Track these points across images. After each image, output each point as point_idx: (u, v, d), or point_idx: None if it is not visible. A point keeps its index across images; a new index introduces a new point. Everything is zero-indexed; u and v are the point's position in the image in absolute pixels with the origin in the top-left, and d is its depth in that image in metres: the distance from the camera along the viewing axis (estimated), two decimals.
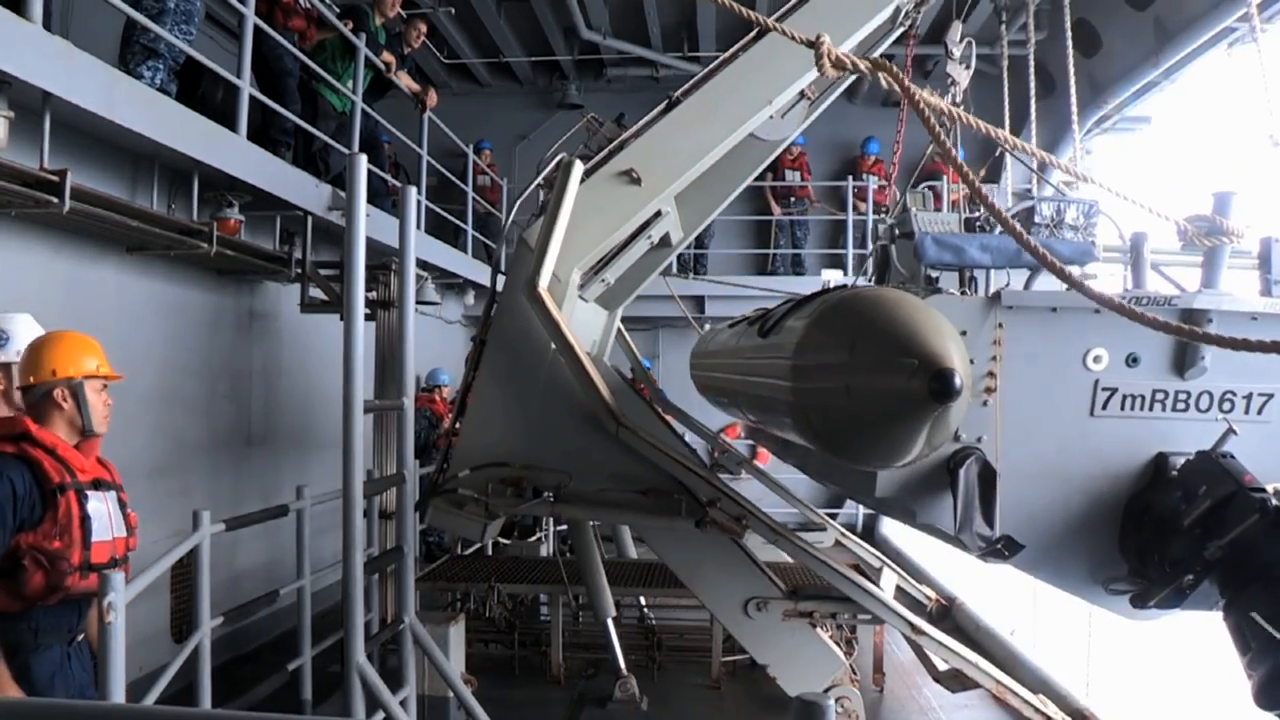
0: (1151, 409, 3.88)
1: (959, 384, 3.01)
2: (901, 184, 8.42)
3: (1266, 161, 5.74)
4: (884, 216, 7.47)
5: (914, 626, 4.64)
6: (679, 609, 7.78)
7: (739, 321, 6.66)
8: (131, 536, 3.78)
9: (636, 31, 13.36)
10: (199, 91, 6.60)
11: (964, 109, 5.63)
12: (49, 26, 4.71)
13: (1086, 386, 3.86)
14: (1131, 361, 3.84)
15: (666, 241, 5.72)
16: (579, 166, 4.75)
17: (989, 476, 3.76)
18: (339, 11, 8.39)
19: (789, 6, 5.10)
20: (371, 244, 5.23)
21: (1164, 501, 3.77)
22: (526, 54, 14.15)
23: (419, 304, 8.38)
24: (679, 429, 6.99)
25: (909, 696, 7.23)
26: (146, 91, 5.52)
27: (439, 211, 11.33)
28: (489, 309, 5.06)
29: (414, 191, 5.58)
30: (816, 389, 3.42)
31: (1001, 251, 4.29)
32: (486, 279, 11.46)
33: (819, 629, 5.02)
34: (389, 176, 10.22)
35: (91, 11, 6.58)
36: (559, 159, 4.83)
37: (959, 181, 5.98)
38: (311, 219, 7.38)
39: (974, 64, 6.03)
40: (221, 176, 6.25)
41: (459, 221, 11.87)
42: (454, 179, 11.98)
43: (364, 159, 4.87)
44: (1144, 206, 4.12)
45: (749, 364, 4.89)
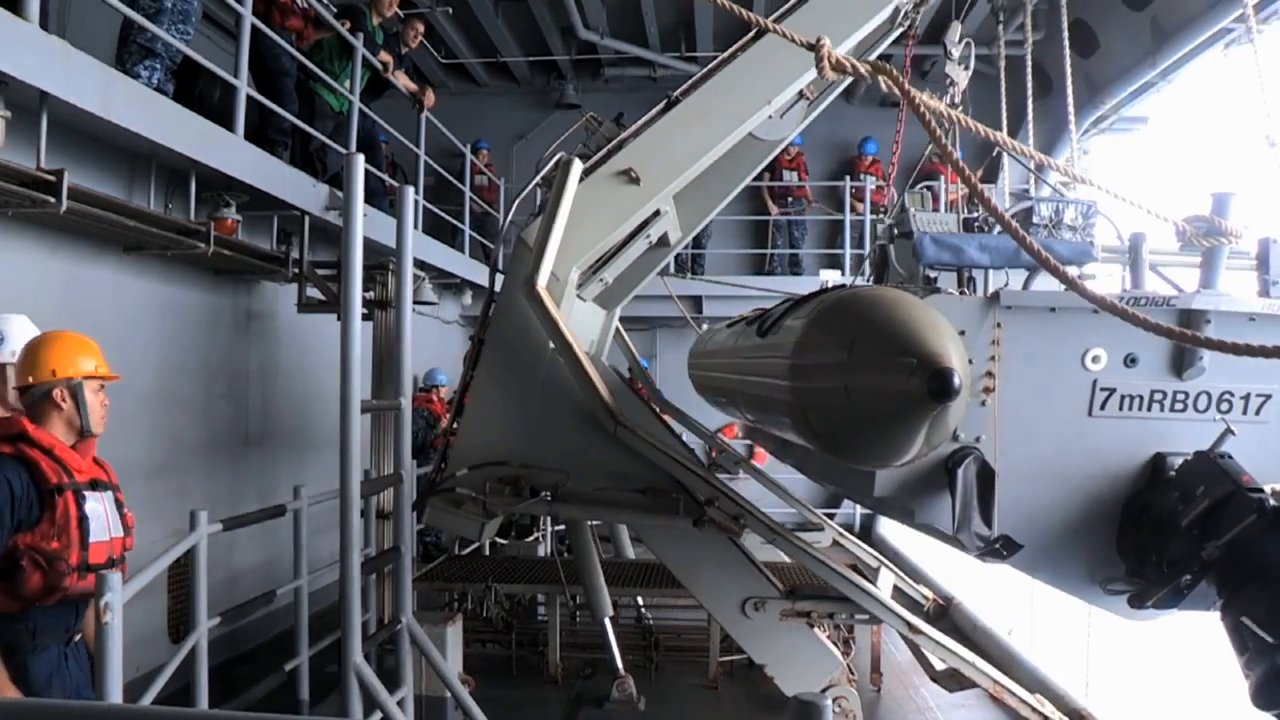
0: (1150, 409, 3.88)
1: (958, 383, 3.01)
2: (900, 184, 8.43)
3: (1263, 162, 5.75)
4: (882, 216, 7.48)
5: (911, 626, 4.63)
6: (676, 609, 7.78)
7: (737, 321, 6.65)
8: (128, 536, 3.78)
9: (634, 31, 13.37)
10: (196, 91, 6.60)
11: (963, 109, 5.65)
12: (46, 26, 4.70)
13: (1085, 386, 3.86)
14: (1130, 362, 3.84)
15: (665, 241, 5.71)
16: (578, 165, 4.74)
17: (987, 476, 3.76)
18: (336, 11, 8.39)
19: (788, 6, 5.10)
20: (369, 244, 5.23)
21: (1162, 502, 3.76)
22: (524, 54, 14.15)
23: (416, 304, 8.37)
24: (677, 429, 6.99)
25: (906, 696, 7.23)
26: (144, 91, 5.51)
27: (436, 211, 11.33)
28: (487, 308, 5.05)
29: (411, 191, 5.58)
30: (815, 388, 3.42)
31: (1000, 252, 4.30)
32: (484, 279, 11.46)
33: (816, 629, 5.01)
34: (386, 176, 10.23)
35: (88, 11, 6.58)
36: (558, 158, 4.82)
37: (956, 181, 6.00)
38: (309, 219, 7.38)
39: (973, 64, 6.04)
40: (219, 176, 6.25)
41: (456, 221, 11.88)
42: (451, 179, 11.99)
43: (361, 159, 4.87)
44: (1141, 207, 4.13)
45: (747, 363, 4.88)
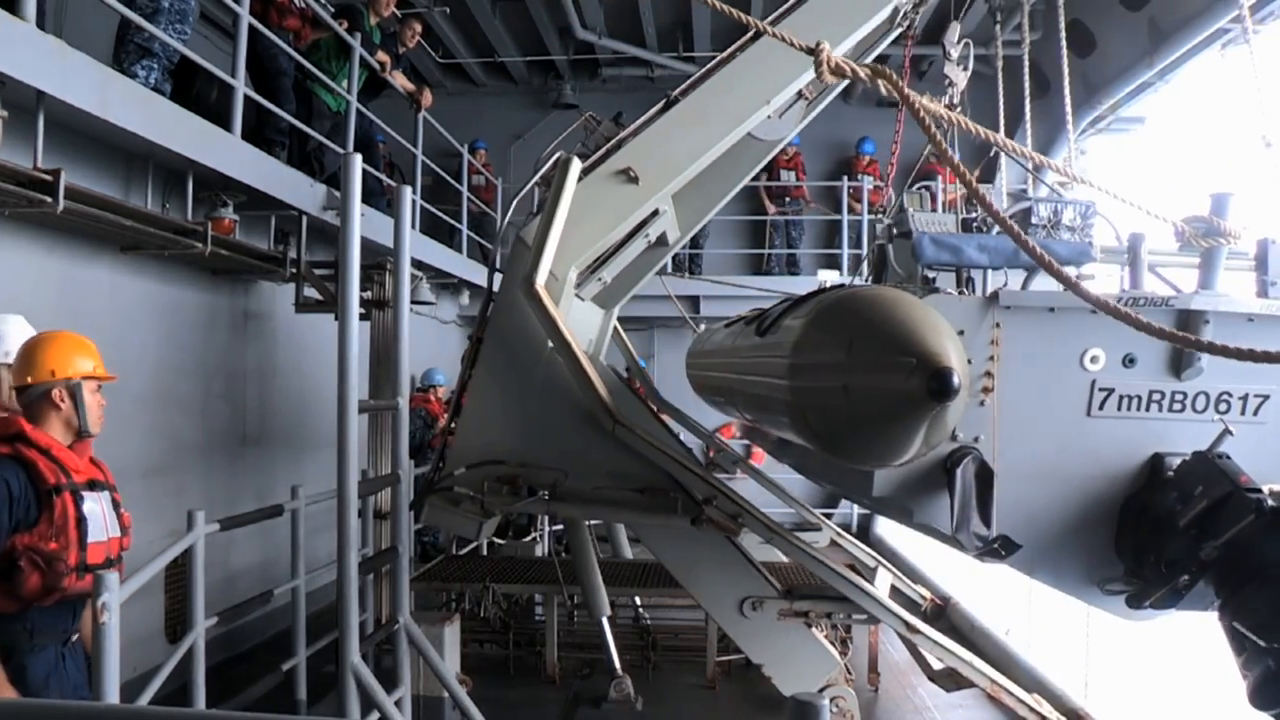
0: (1148, 409, 3.88)
1: (957, 383, 3.00)
2: (899, 184, 8.43)
3: (1260, 162, 5.74)
4: (881, 216, 7.47)
5: (909, 625, 4.63)
6: (674, 609, 7.77)
7: (735, 321, 6.65)
8: (125, 536, 3.77)
9: (632, 31, 13.37)
10: (193, 91, 6.59)
11: (961, 110, 5.65)
12: (43, 25, 4.70)
13: (1083, 387, 3.86)
14: (1128, 362, 3.84)
15: (664, 240, 5.70)
16: (577, 164, 4.74)
17: (986, 476, 3.76)
18: (334, 11, 8.39)
19: (787, 7, 5.10)
20: (366, 244, 5.23)
21: (1160, 502, 3.77)
22: (521, 54, 14.15)
23: (414, 304, 8.36)
24: (675, 428, 6.98)
25: (904, 696, 7.23)
26: (141, 91, 5.50)
27: (434, 211, 11.33)
28: (486, 307, 5.05)
29: (409, 191, 5.58)
30: (814, 388, 3.41)
31: (999, 252, 4.30)
32: (481, 278, 11.44)
33: (814, 628, 5.01)
34: (384, 176, 10.21)
35: (85, 10, 6.57)
36: (557, 157, 4.82)
37: (954, 182, 6.00)
38: (306, 218, 7.37)
39: (971, 65, 6.04)
40: (216, 176, 6.25)
41: (454, 221, 11.88)
42: (449, 179, 11.99)
43: (359, 158, 4.86)
44: (1140, 208, 4.13)
45: (746, 363, 4.88)
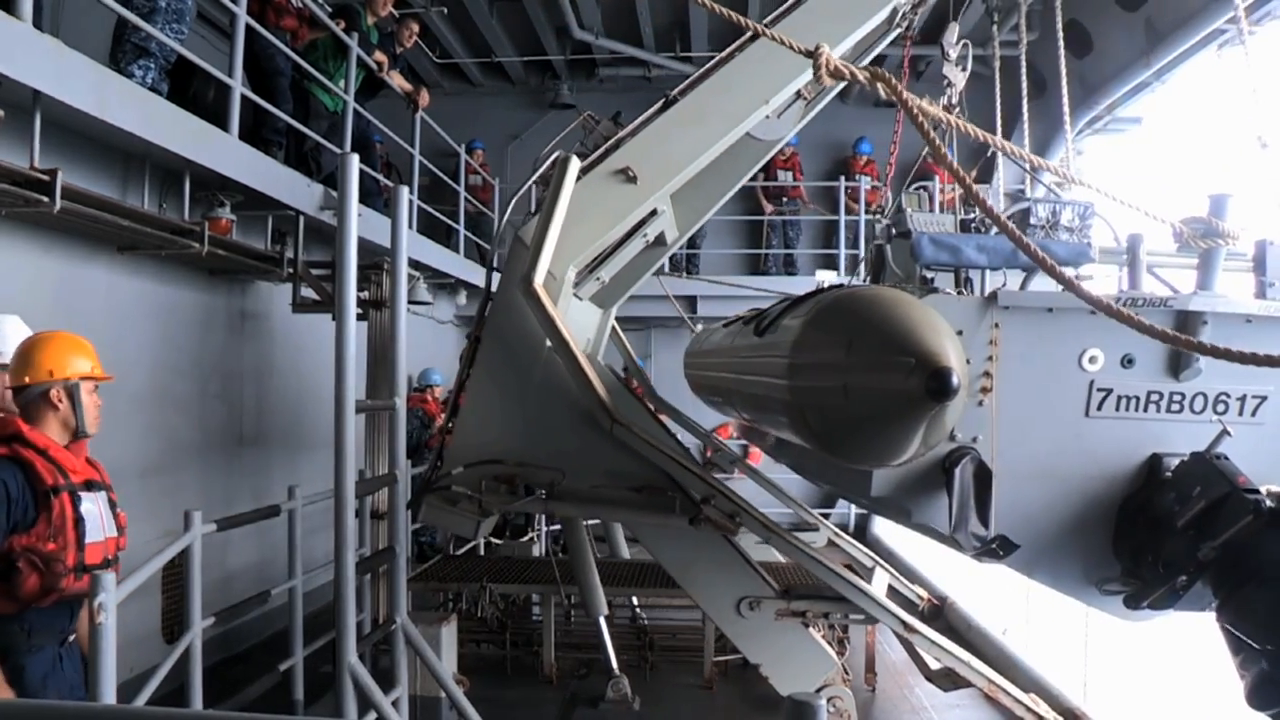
0: (1146, 410, 3.88)
1: (956, 383, 3.00)
2: (897, 185, 8.43)
3: (1255, 163, 5.74)
4: (879, 216, 7.48)
5: (907, 625, 4.62)
6: (671, 609, 7.78)
7: (733, 321, 6.65)
8: (122, 536, 3.77)
9: (629, 31, 13.36)
10: (190, 91, 6.58)
11: (959, 110, 5.65)
12: (39, 25, 4.69)
13: (1082, 387, 3.87)
14: (1127, 362, 3.85)
15: (662, 240, 5.69)
16: (575, 163, 4.73)
17: (984, 476, 3.76)
18: (331, 11, 8.38)
19: (785, 7, 5.09)
20: (363, 244, 5.22)
21: (1158, 502, 3.77)
22: (518, 54, 14.14)
23: (411, 304, 8.35)
24: (672, 428, 6.98)
25: (901, 696, 7.24)
26: (138, 91, 5.50)
27: (431, 211, 11.32)
28: (484, 306, 5.04)
29: (406, 191, 5.57)
30: (813, 387, 3.41)
31: (998, 252, 4.29)
32: (478, 279, 11.43)
33: (811, 628, 5.01)
34: (381, 176, 10.20)
35: (82, 10, 6.55)
36: (555, 156, 4.81)
37: (951, 182, 6.00)
38: (303, 219, 7.36)
39: (970, 66, 6.03)
40: (213, 176, 6.24)
41: (451, 221, 11.87)
42: (446, 179, 11.98)
43: (356, 159, 4.86)
44: (1136, 208, 4.14)
45: (745, 363, 4.87)
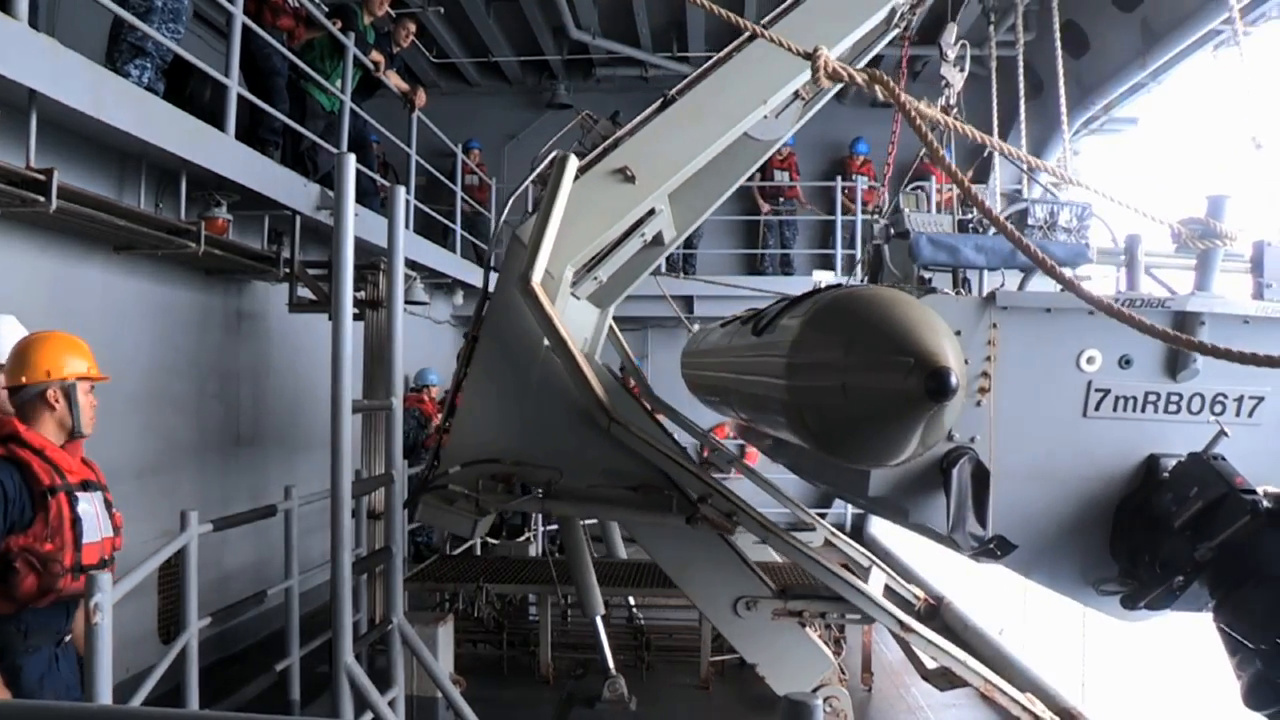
0: (1144, 410, 3.89)
1: (955, 382, 3.00)
2: (895, 185, 8.43)
3: (1250, 164, 5.75)
4: (876, 217, 7.48)
5: (903, 624, 4.63)
6: (668, 609, 7.78)
7: (731, 321, 6.65)
8: (117, 536, 3.76)
9: (626, 31, 13.36)
10: (187, 90, 6.57)
11: (957, 111, 5.65)
12: (35, 24, 4.67)
13: (1080, 387, 3.87)
14: (1124, 363, 3.86)
15: (659, 240, 5.69)
16: (574, 161, 4.73)
17: (982, 476, 3.77)
18: (327, 10, 8.36)
19: (784, 7, 5.09)
20: (360, 243, 5.21)
21: (1155, 503, 3.78)
22: (515, 54, 14.13)
23: (407, 304, 8.34)
24: (669, 427, 6.98)
25: (897, 696, 7.24)
26: (134, 90, 5.48)
27: (428, 211, 11.30)
28: (481, 305, 5.04)
29: (402, 191, 5.56)
30: (812, 387, 3.41)
31: (996, 252, 4.30)
32: (475, 279, 11.43)
33: (808, 628, 5.01)
34: (378, 176, 10.19)
35: (78, 9, 6.54)
36: (553, 155, 4.81)
37: (947, 182, 6.00)
38: (300, 218, 7.35)
39: (968, 66, 6.03)
40: (209, 176, 6.23)
41: (448, 221, 11.86)
42: (443, 179, 11.97)
43: (352, 158, 4.85)
44: (1135, 209, 4.14)
45: (743, 362, 4.88)
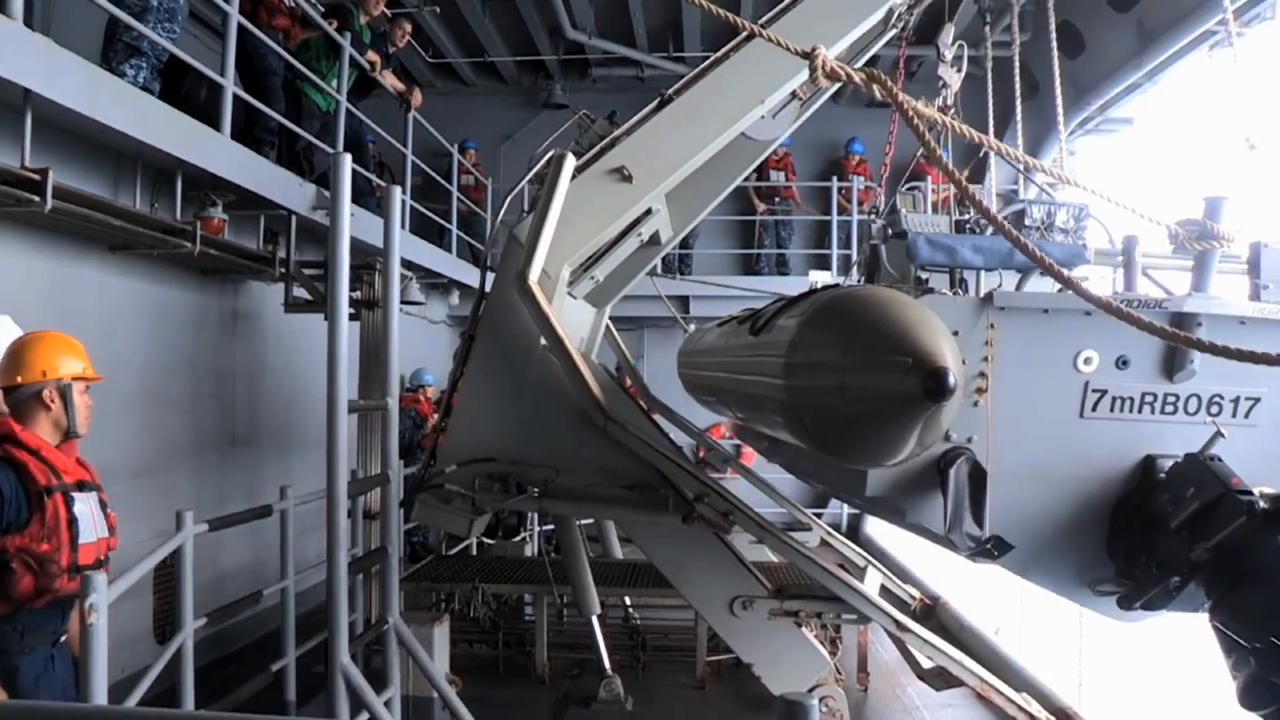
0: (1140, 411, 3.90)
1: (953, 382, 3.01)
2: (892, 185, 8.45)
3: (1244, 164, 5.76)
4: (873, 217, 7.49)
5: (899, 624, 4.64)
6: (664, 609, 7.77)
7: (728, 321, 6.65)
8: (112, 537, 3.75)
9: (622, 32, 13.36)
10: (182, 90, 6.55)
11: (953, 111, 5.66)
12: (30, 23, 4.65)
13: (1077, 388, 3.88)
14: (1121, 364, 3.86)
15: (656, 239, 5.69)
16: (571, 160, 4.73)
17: (979, 477, 3.77)
18: (324, 10, 8.35)
19: (781, 7, 5.09)
20: (356, 243, 5.20)
21: (1152, 503, 3.79)
22: (511, 53, 14.12)
23: (403, 304, 8.33)
24: (666, 427, 6.97)
25: (893, 695, 7.24)
26: (129, 90, 5.47)
27: (424, 211, 11.29)
28: (478, 305, 5.03)
29: (398, 191, 5.56)
30: (810, 387, 3.41)
31: (994, 253, 4.30)
32: (471, 279, 11.42)
33: (804, 628, 5.02)
34: (373, 176, 10.18)
35: (73, 8, 6.52)
36: (551, 154, 4.81)
37: (943, 183, 6.00)
38: (296, 218, 7.33)
39: (965, 67, 6.04)
40: (205, 176, 6.21)
41: (444, 221, 11.85)
42: (439, 178, 11.96)
43: (348, 158, 4.84)
44: (1132, 210, 4.15)
45: (740, 362, 4.88)
